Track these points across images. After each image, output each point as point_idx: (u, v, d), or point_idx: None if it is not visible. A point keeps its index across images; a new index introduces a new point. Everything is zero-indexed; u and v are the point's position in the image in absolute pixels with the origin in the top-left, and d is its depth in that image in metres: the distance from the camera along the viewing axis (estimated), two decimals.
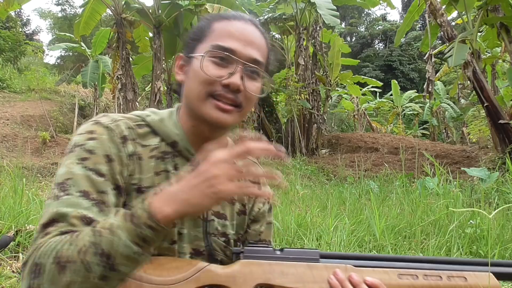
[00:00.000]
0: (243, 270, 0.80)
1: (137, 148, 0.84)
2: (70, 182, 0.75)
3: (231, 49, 0.82)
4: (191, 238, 0.89)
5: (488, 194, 4.30)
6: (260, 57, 0.85)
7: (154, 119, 0.89)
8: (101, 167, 0.78)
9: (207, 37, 0.85)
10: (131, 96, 10.03)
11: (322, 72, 13.14)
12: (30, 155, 8.84)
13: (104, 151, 0.79)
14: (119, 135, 0.82)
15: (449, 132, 19.36)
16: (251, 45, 0.84)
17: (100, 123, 0.83)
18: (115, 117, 0.86)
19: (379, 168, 9.23)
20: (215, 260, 0.92)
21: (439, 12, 8.33)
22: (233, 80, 0.81)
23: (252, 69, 0.84)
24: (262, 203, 1.02)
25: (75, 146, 0.80)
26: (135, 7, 10.31)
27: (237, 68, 0.82)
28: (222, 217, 0.94)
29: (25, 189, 3.34)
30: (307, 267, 0.82)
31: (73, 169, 0.76)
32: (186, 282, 0.78)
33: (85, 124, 0.85)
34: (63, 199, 0.73)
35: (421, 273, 0.85)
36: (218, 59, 0.82)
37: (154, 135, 0.87)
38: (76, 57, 22.96)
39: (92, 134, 0.81)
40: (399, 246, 2.69)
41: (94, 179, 0.76)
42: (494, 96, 8.07)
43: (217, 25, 0.86)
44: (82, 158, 0.77)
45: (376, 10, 43.04)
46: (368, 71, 30.30)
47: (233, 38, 0.83)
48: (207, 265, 0.81)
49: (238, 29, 0.85)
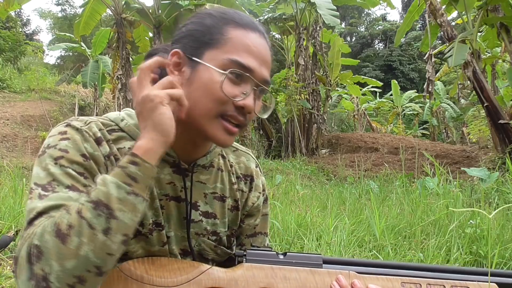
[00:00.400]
0: (245, 274, 0.80)
1: (113, 149, 0.82)
2: (54, 183, 0.72)
3: (250, 68, 0.77)
4: (178, 239, 0.89)
5: (488, 194, 4.30)
6: (269, 76, 0.82)
7: (128, 123, 0.85)
8: (78, 166, 0.75)
9: (220, 44, 0.78)
10: (131, 96, 10.02)
11: (322, 72, 13.14)
12: (30, 155, 8.84)
13: (78, 149, 0.76)
14: (93, 137, 0.79)
15: (449, 132, 19.35)
16: (265, 64, 0.81)
17: (71, 126, 0.79)
18: (87, 119, 0.82)
19: (379, 168, 9.23)
20: (205, 260, 0.92)
21: (439, 12, 8.33)
22: (248, 103, 0.77)
23: (264, 90, 0.81)
24: (256, 197, 1.00)
25: (48, 147, 0.76)
26: (135, 7, 10.31)
27: (253, 90, 0.78)
28: (211, 216, 0.92)
29: (25, 189, 3.34)
30: (309, 272, 0.82)
31: (51, 170, 0.73)
32: (187, 284, 0.78)
33: (56, 127, 0.81)
34: (51, 196, 0.70)
35: (424, 282, 0.84)
36: (234, 76, 0.77)
37: (130, 139, 0.84)
38: (76, 57, 22.96)
39: (65, 135, 0.77)
40: (399, 246, 2.69)
41: (74, 175, 0.74)
42: (494, 96, 8.07)
43: (234, 33, 0.79)
44: (56, 157, 0.74)
45: (376, 10, 43.04)
46: (368, 71, 30.29)
47: (252, 55, 0.78)
48: (209, 268, 0.81)
49: (256, 44, 0.79)
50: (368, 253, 2.61)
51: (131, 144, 0.83)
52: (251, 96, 0.78)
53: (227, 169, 0.96)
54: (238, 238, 1.02)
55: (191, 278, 0.78)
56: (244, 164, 1.00)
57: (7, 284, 2.08)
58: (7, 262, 2.33)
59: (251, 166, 1.01)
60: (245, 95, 0.77)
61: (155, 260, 0.81)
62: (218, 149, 0.94)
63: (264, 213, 1.04)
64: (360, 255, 2.57)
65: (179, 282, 0.77)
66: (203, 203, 0.91)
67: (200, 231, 0.91)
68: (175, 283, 0.77)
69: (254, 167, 1.01)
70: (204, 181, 0.91)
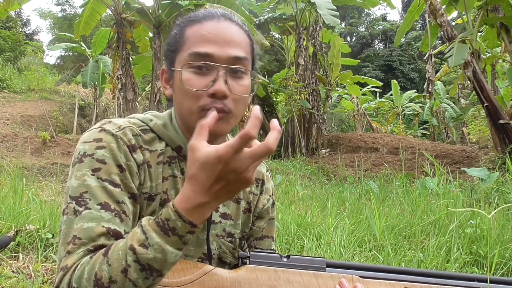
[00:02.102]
0: (248, 276, 0.80)
1: (146, 155, 0.82)
2: (87, 196, 0.72)
3: (207, 54, 0.77)
4: (199, 241, 0.89)
5: (488, 194, 4.30)
6: (242, 53, 0.80)
7: (157, 123, 0.86)
8: (115, 177, 0.76)
9: (182, 46, 0.81)
10: (131, 96, 10.03)
11: (322, 72, 13.14)
12: (30, 155, 8.84)
13: (115, 160, 0.77)
14: (127, 144, 0.79)
15: (449, 132, 19.36)
16: (229, 43, 0.79)
17: (106, 131, 0.79)
18: (120, 124, 0.82)
19: (379, 168, 9.23)
20: (223, 264, 0.92)
21: (439, 12, 8.34)
22: (217, 88, 0.76)
23: (236, 68, 0.79)
24: (266, 199, 1.02)
25: (85, 155, 0.76)
26: (135, 7, 10.30)
27: (218, 73, 0.77)
28: (228, 218, 0.93)
29: (25, 189, 3.34)
30: (312, 275, 0.82)
31: (87, 181, 0.74)
32: (191, 285, 0.78)
33: (90, 131, 0.81)
34: (84, 214, 0.71)
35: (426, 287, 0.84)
36: (197, 68, 0.78)
37: (159, 140, 0.85)
38: (76, 57, 22.95)
39: (100, 143, 0.77)
40: (399, 246, 2.69)
41: (111, 189, 0.74)
42: (494, 96, 8.07)
43: (189, 30, 0.81)
44: (94, 169, 0.75)
45: (376, 10, 43.07)
46: (368, 71, 30.30)
47: (207, 41, 0.78)
48: (212, 269, 0.81)
49: (211, 30, 0.79)
50: (368, 253, 2.61)
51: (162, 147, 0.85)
52: (220, 80, 0.77)
53: None
54: (248, 241, 1.03)
55: (194, 279, 0.78)
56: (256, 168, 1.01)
57: (7, 284, 2.08)
58: (7, 262, 2.33)
59: (262, 170, 1.03)
60: (214, 82, 0.77)
61: None
62: None
63: (271, 217, 1.05)
64: (360, 255, 2.57)
65: (182, 283, 0.77)
66: (221, 205, 0.92)
67: (220, 233, 0.91)
68: (179, 284, 0.77)
69: (265, 172, 1.03)
70: None
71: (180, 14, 10.45)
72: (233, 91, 0.78)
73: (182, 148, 0.86)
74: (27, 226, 2.63)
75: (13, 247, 2.46)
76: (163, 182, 0.84)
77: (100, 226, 0.70)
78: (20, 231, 2.57)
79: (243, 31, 0.84)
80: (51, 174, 6.68)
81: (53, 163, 7.78)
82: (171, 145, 0.86)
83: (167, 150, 0.86)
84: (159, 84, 10.15)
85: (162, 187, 0.84)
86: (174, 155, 0.86)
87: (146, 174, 0.81)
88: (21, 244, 2.49)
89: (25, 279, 2.13)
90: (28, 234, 2.56)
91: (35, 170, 6.02)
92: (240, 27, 0.83)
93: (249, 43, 0.84)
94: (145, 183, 0.81)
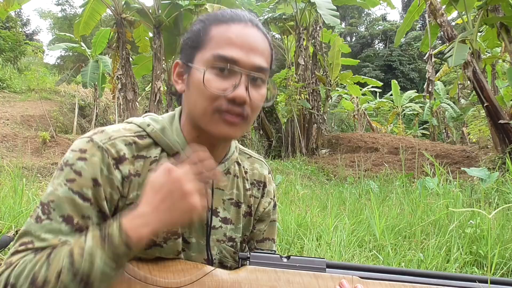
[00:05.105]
0: (249, 277, 0.80)
1: (137, 164, 0.81)
2: (52, 205, 0.73)
3: (233, 59, 0.77)
4: (200, 246, 0.88)
5: (488, 194, 4.30)
6: (264, 63, 0.80)
7: (154, 129, 0.85)
8: (87, 191, 0.75)
9: (205, 44, 0.79)
10: (131, 96, 10.03)
11: (322, 72, 13.14)
12: (30, 155, 8.84)
13: (92, 174, 0.76)
14: (113, 156, 0.78)
15: (449, 132, 19.36)
16: (254, 51, 0.79)
17: (94, 142, 0.78)
18: (112, 134, 0.80)
19: (379, 168, 9.23)
20: (224, 267, 0.91)
21: (439, 12, 8.34)
22: (238, 94, 0.76)
23: (257, 77, 0.79)
24: (267, 202, 1.01)
25: (66, 164, 0.77)
26: (135, 7, 10.31)
27: (241, 79, 0.77)
28: (228, 222, 0.93)
29: (25, 189, 3.34)
30: (313, 276, 0.82)
31: (58, 191, 0.74)
32: (191, 286, 0.78)
33: (80, 140, 0.80)
34: (44, 223, 0.72)
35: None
36: (220, 70, 0.77)
37: (155, 146, 0.84)
38: (76, 57, 22.94)
39: (84, 154, 0.77)
40: (399, 246, 2.69)
41: (79, 203, 0.74)
42: (494, 96, 8.07)
43: (216, 30, 0.80)
44: (69, 179, 0.75)
45: (376, 10, 43.08)
46: (368, 71, 30.31)
47: (234, 45, 0.78)
48: (213, 269, 0.81)
49: (239, 35, 0.79)
50: (368, 253, 2.61)
51: (157, 153, 0.84)
52: (241, 86, 0.77)
53: (242, 176, 0.97)
54: (249, 244, 1.02)
55: (194, 280, 0.78)
56: (258, 171, 1.01)
57: None
58: None
59: (264, 173, 1.02)
60: (235, 86, 0.77)
61: (159, 261, 0.81)
62: (235, 156, 0.95)
63: (272, 219, 1.04)
64: (360, 255, 2.57)
65: (182, 283, 0.77)
66: (222, 209, 0.92)
67: (221, 238, 0.91)
68: (179, 284, 0.77)
69: (266, 174, 1.03)
70: (222, 188, 0.92)
71: (180, 14, 10.46)
72: (252, 98, 0.79)
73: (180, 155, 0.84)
74: None
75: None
76: None
77: (56, 239, 0.72)
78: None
79: (267, 39, 0.84)
80: (51, 174, 6.68)
81: (53, 163, 7.78)
82: (168, 151, 0.84)
83: (161, 157, 0.84)
84: (159, 84, 10.15)
85: None
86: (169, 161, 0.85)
87: (132, 185, 0.80)
88: None
89: None
90: None
91: (35, 170, 6.02)
92: (264, 36, 0.83)
93: (270, 53, 0.84)
94: (129, 195, 0.80)
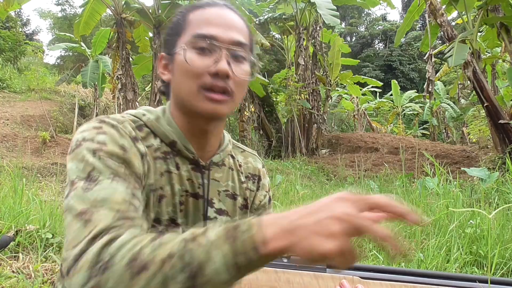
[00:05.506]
0: (248, 277, 0.79)
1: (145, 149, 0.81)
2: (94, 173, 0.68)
3: (212, 35, 0.79)
4: None
5: (488, 194, 4.30)
6: (243, 39, 0.83)
7: (150, 118, 0.86)
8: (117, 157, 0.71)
9: (185, 30, 0.83)
10: (131, 96, 10.02)
11: (322, 72, 13.14)
12: (30, 155, 8.84)
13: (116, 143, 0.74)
14: (129, 135, 0.78)
15: (449, 132, 19.36)
16: (232, 28, 0.82)
17: (105, 122, 0.77)
18: (119, 118, 0.81)
19: (379, 168, 9.23)
20: None
21: (439, 12, 8.34)
22: (220, 67, 0.78)
23: (237, 52, 0.81)
24: (263, 195, 1.01)
25: (84, 140, 0.72)
26: (135, 7, 10.30)
27: (221, 53, 0.79)
28: (224, 213, 0.92)
29: (25, 189, 3.34)
30: (313, 276, 0.82)
31: (89, 160, 0.69)
32: None
33: (87, 123, 0.78)
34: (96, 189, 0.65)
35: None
36: (201, 49, 0.79)
37: (154, 135, 0.85)
38: (76, 57, 22.95)
39: (101, 130, 0.75)
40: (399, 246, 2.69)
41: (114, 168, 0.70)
42: (494, 96, 8.08)
43: (193, 15, 0.84)
44: (95, 149, 0.71)
45: (376, 10, 43.08)
46: (368, 71, 30.31)
47: (211, 24, 0.81)
48: None
49: (215, 15, 0.82)
50: (368, 253, 2.61)
51: (157, 142, 0.84)
52: (223, 60, 0.78)
53: (236, 169, 0.97)
54: None
55: None
56: (252, 164, 1.02)
57: (7, 284, 2.08)
58: (7, 262, 2.33)
59: (258, 166, 1.03)
60: (216, 61, 0.79)
61: None
62: (229, 148, 0.96)
63: (267, 213, 1.04)
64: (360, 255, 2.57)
65: None
66: (217, 201, 0.92)
67: None
68: None
69: (261, 167, 1.04)
70: (218, 179, 0.92)
71: None
72: (235, 72, 0.80)
73: (176, 143, 0.85)
74: (27, 226, 2.63)
75: (13, 247, 2.46)
76: (160, 178, 0.83)
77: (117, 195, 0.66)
78: (20, 231, 2.57)
79: (243, 21, 0.87)
80: (51, 174, 6.69)
81: (53, 163, 7.78)
82: (165, 140, 0.85)
83: (161, 146, 0.85)
84: (159, 84, 10.11)
85: (160, 183, 0.83)
86: (168, 150, 0.85)
87: (149, 166, 0.80)
88: (21, 244, 2.49)
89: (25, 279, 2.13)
90: (28, 234, 2.56)
91: (35, 170, 6.02)
92: (240, 17, 0.86)
93: (248, 32, 0.86)
94: (149, 173, 0.80)
